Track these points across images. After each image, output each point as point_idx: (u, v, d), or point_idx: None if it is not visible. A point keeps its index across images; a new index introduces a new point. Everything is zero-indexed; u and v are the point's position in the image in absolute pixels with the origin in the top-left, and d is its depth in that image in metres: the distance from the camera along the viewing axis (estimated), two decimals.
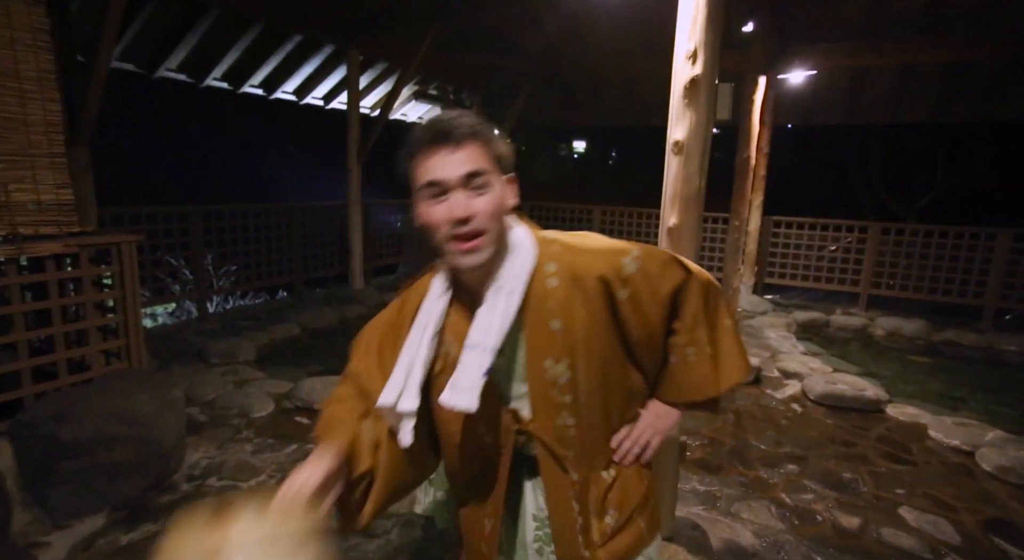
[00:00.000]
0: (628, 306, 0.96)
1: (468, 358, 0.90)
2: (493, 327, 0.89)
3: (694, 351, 1.03)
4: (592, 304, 0.94)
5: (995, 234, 5.77)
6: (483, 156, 0.86)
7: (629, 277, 0.95)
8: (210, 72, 5.79)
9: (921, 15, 5.48)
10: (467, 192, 0.85)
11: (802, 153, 10.45)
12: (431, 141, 0.85)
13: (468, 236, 0.86)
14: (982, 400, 4.19)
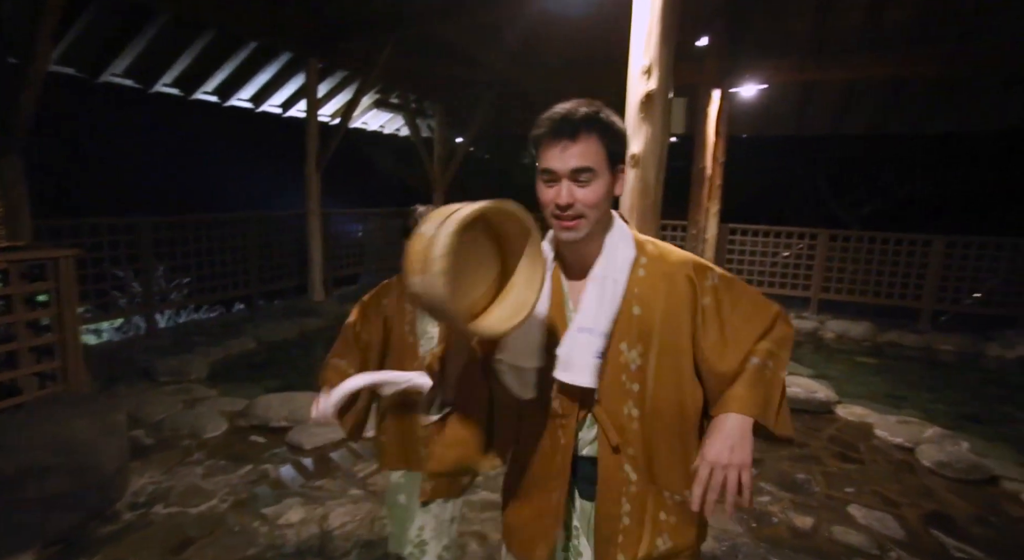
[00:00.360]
0: (704, 314, 1.00)
1: (581, 339, 0.98)
2: (602, 314, 0.99)
3: (773, 366, 0.97)
4: (674, 299, 1.00)
5: (930, 240, 6.13)
6: (595, 152, 0.95)
7: (712, 287, 1.00)
8: (159, 78, 5.58)
9: (860, 34, 5.80)
10: (574, 183, 0.95)
11: (756, 163, 10.85)
12: (551, 133, 0.95)
13: (568, 217, 0.97)
14: (922, 398, 4.42)
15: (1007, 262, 5.86)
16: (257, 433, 3.26)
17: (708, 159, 4.87)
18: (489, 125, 8.57)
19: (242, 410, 3.48)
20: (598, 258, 1.02)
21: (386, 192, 13.81)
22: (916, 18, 5.45)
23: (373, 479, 2.79)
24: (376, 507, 2.55)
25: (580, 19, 6.10)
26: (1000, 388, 4.73)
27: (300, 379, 4.22)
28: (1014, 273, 5.84)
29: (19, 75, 3.09)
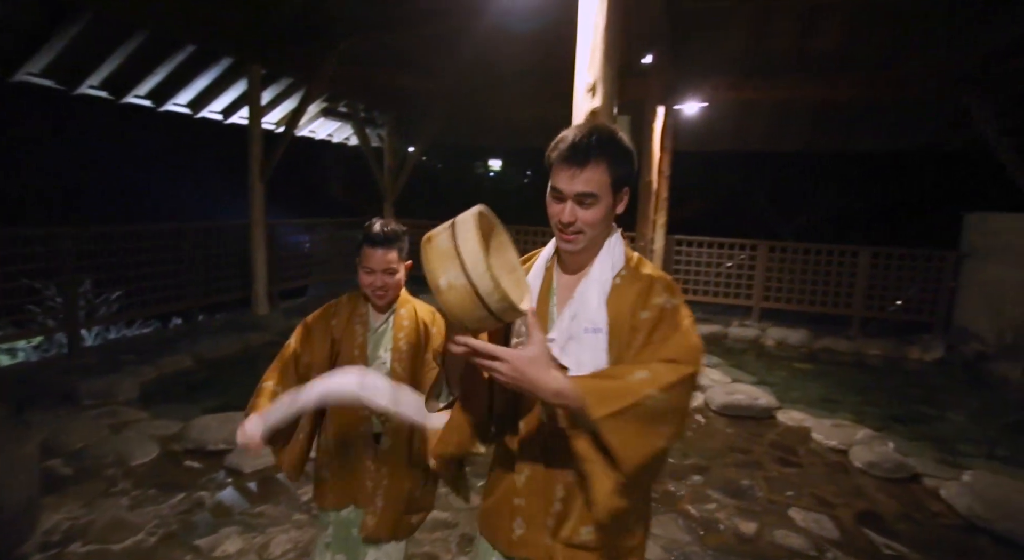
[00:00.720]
0: (640, 325, 1.06)
1: (589, 339, 1.07)
2: (600, 313, 1.08)
3: (646, 377, 0.97)
4: (626, 306, 1.09)
5: (857, 251, 6.55)
6: (600, 179, 1.04)
7: (658, 307, 1.06)
8: (85, 79, 5.23)
9: (790, 57, 6.17)
10: (577, 205, 1.06)
11: (701, 177, 11.31)
12: (564, 159, 1.05)
13: (570, 232, 1.08)
14: (853, 401, 4.68)
15: (923, 271, 6.33)
16: (192, 458, 3.07)
17: (654, 173, 5.02)
18: (441, 135, 8.54)
19: (176, 433, 3.27)
20: (594, 261, 1.13)
21: (335, 202, 13.48)
22: (839, 45, 5.85)
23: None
24: (321, 531, 2.43)
25: (531, 32, 6.20)
26: (920, 389, 5.08)
27: (242, 398, 3.95)
28: (929, 282, 6.32)
29: None
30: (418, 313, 1.67)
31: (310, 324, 1.64)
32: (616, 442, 0.93)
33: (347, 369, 1.40)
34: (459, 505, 2.69)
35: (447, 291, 0.91)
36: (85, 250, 4.81)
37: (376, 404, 1.35)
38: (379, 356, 1.60)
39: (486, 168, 18.74)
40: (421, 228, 5.63)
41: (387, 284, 1.55)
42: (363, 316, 1.62)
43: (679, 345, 1.02)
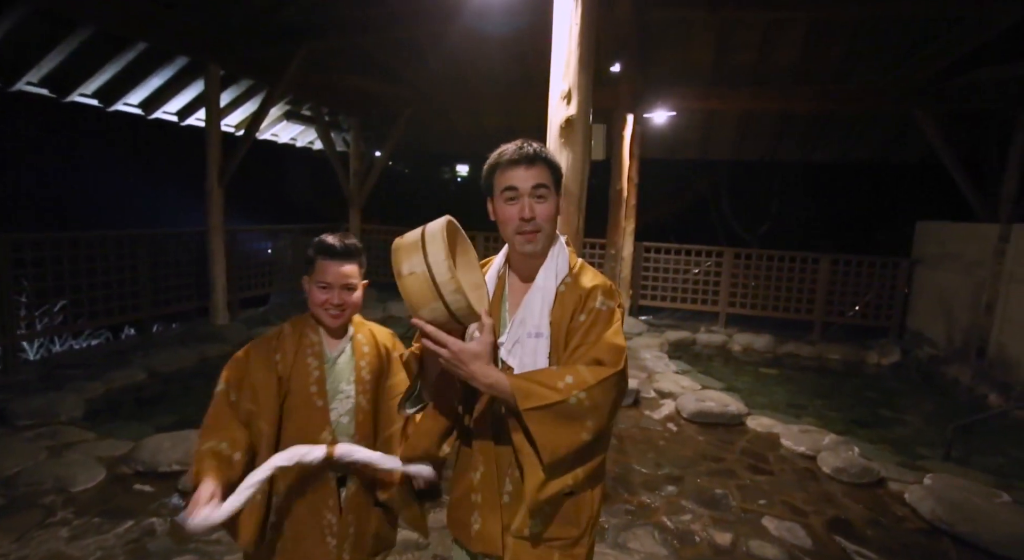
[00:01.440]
0: (576, 328, 1.16)
1: (531, 344, 1.15)
2: (544, 319, 1.16)
3: (571, 381, 1.06)
4: (567, 310, 1.17)
5: (818, 258, 6.75)
6: (548, 176, 1.16)
7: (594, 311, 1.15)
8: (23, 75, 4.91)
9: (753, 70, 6.33)
10: (533, 199, 1.14)
11: (666, 183, 11.52)
12: (514, 160, 1.15)
13: (531, 230, 1.14)
14: (818, 406, 4.79)
15: (879, 278, 6.57)
16: (142, 481, 2.86)
17: (624, 180, 5.05)
18: (408, 141, 8.41)
19: (125, 454, 3.05)
20: (541, 269, 1.20)
21: (299, 207, 13.11)
22: (797, 60, 6.05)
23: None
24: None
25: (500, 38, 6.17)
26: (878, 393, 5.25)
27: (199, 414, 3.76)
28: (885, 288, 6.57)
29: None
30: (377, 337, 1.50)
31: (245, 362, 1.37)
32: (538, 432, 1.03)
33: (313, 449, 1.25)
34: (430, 524, 2.58)
35: (407, 277, 0.99)
36: (23, 258, 4.49)
37: (352, 458, 1.28)
38: (341, 390, 1.42)
39: (453, 173, 18.63)
40: (388, 233, 5.55)
41: (345, 302, 1.38)
42: (316, 346, 1.40)
43: (606, 347, 1.11)
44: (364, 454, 1.29)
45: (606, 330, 1.13)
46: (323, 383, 1.38)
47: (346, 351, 1.44)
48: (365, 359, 1.45)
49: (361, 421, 1.42)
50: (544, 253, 1.19)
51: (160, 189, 11.39)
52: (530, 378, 1.07)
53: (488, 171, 1.20)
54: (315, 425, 1.36)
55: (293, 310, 6.86)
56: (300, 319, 1.45)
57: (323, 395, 1.38)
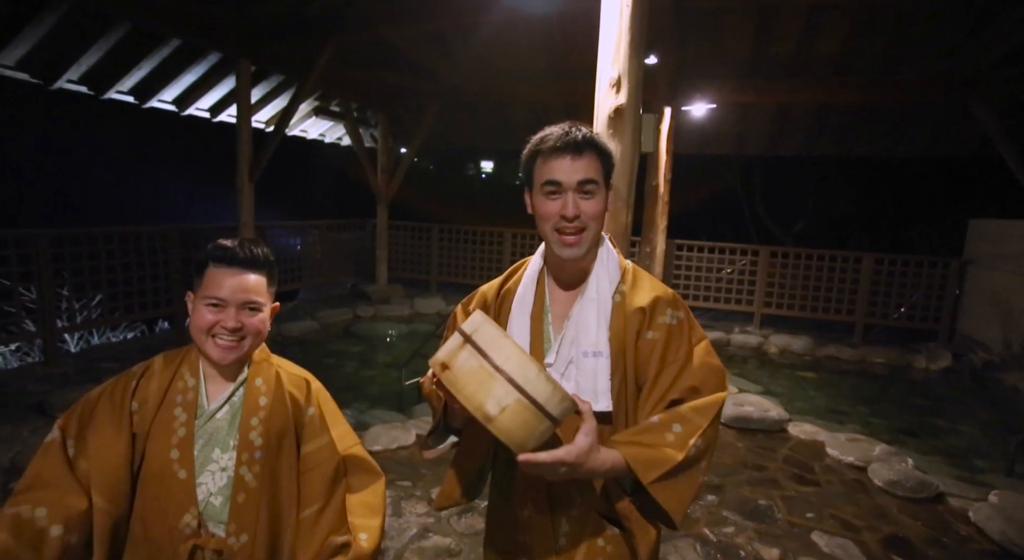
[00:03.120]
0: (647, 347, 1.01)
1: (589, 364, 1.00)
2: (602, 336, 1.01)
3: (680, 431, 0.95)
4: (630, 326, 1.03)
5: (860, 257, 6.46)
6: (597, 167, 1.00)
7: (664, 326, 1.02)
8: (63, 73, 4.98)
9: (792, 61, 6.07)
10: (578, 195, 0.99)
11: (697, 179, 11.24)
12: (558, 148, 0.99)
13: (573, 231, 1.00)
14: (862, 413, 4.56)
15: (927, 279, 6.25)
16: None
17: (661, 176, 4.88)
18: (435, 136, 8.35)
19: None
20: (590, 276, 1.06)
21: (327, 203, 13.24)
22: (840, 50, 5.77)
23: None
24: None
25: (529, 34, 6.05)
26: (928, 400, 4.98)
27: None
28: (934, 289, 6.24)
29: None
30: (284, 384, 1.08)
31: (92, 409, 0.99)
32: (666, 499, 0.93)
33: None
34: (462, 530, 2.51)
35: (500, 416, 0.76)
36: (63, 253, 4.57)
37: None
38: (213, 459, 1.01)
39: (478, 170, 18.58)
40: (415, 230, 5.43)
41: (245, 327, 1.01)
42: (189, 393, 1.02)
43: (699, 370, 0.99)
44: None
45: (688, 347, 1.01)
46: (188, 447, 0.99)
47: (233, 402, 1.05)
48: (258, 415, 1.03)
49: (241, 504, 1.00)
50: (587, 256, 1.04)
51: (192, 185, 11.61)
52: (639, 442, 0.93)
53: (528, 158, 1.05)
54: (176, 504, 0.98)
55: (323, 306, 6.88)
56: (176, 353, 1.07)
57: (188, 463, 0.99)
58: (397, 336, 6.41)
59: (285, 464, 1.05)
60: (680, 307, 1.04)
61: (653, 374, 1.00)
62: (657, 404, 0.99)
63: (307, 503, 1.06)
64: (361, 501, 1.09)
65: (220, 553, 1.00)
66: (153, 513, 0.98)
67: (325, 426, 1.10)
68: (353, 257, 8.39)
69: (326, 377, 4.30)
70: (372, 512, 1.08)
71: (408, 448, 3.28)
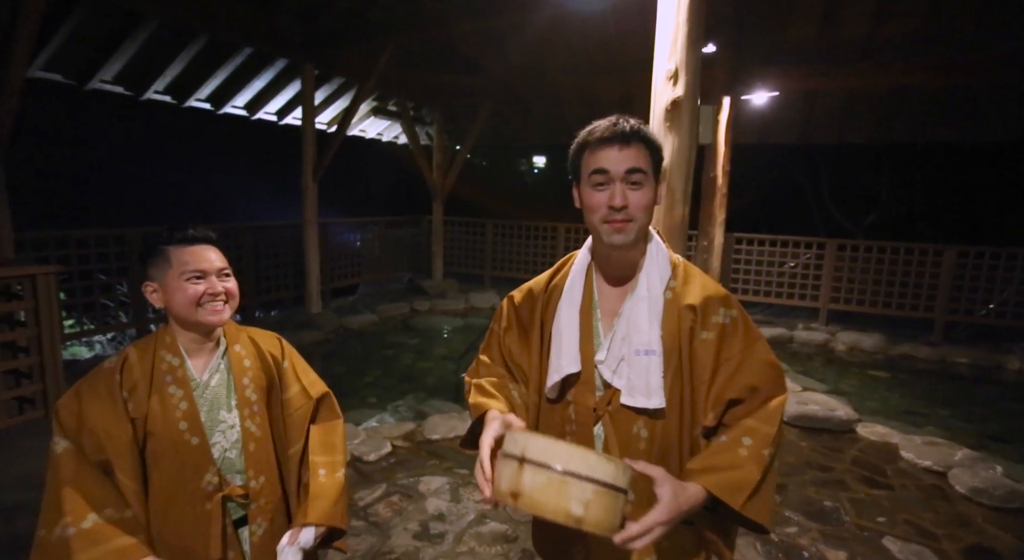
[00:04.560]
0: (702, 348, 1.00)
1: (642, 361, 0.99)
2: (654, 333, 1.00)
3: (751, 444, 0.94)
4: (683, 325, 1.02)
5: (941, 250, 6.01)
6: (646, 159, 0.99)
7: (718, 325, 1.00)
8: (151, 85, 5.42)
9: (864, 42, 5.72)
10: (626, 185, 0.98)
11: (757, 170, 10.78)
12: (606, 139, 0.99)
13: (620, 220, 0.99)
14: (942, 416, 4.27)
15: (1020, 272, 5.73)
16: None
17: (719, 168, 4.74)
18: (488, 133, 8.45)
19: None
20: (639, 272, 1.05)
21: (384, 200, 13.66)
22: (918, 29, 5.38)
23: (375, 508, 2.61)
24: (379, 541, 2.37)
25: (581, 29, 6.01)
26: (1021, 404, 4.59)
27: None
28: None
29: None
30: (261, 345, 1.24)
31: (77, 407, 1.05)
32: (756, 513, 0.92)
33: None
34: (518, 517, 2.57)
35: (587, 513, 0.75)
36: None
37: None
38: (221, 420, 1.15)
39: (530, 165, 18.60)
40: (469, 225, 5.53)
41: (229, 290, 1.15)
42: (177, 371, 1.11)
43: (757, 368, 0.98)
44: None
45: (743, 344, 1.00)
46: (195, 416, 1.11)
47: (220, 370, 1.18)
48: (248, 375, 1.18)
49: (253, 451, 1.16)
50: (636, 246, 1.04)
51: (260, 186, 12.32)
52: (716, 467, 0.92)
53: (576, 151, 1.06)
54: (194, 469, 1.09)
55: (382, 300, 7.14)
56: (146, 341, 1.14)
57: (198, 430, 1.10)
58: (452, 330, 6.57)
59: (276, 411, 1.24)
60: (733, 305, 1.03)
61: (709, 374, 0.99)
62: (715, 404, 0.99)
63: (291, 443, 1.25)
64: (321, 441, 1.28)
65: (246, 497, 1.16)
66: (173, 483, 1.09)
67: (297, 375, 1.29)
68: (410, 252, 8.64)
69: (385, 368, 4.50)
70: (331, 450, 1.28)
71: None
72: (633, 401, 1.00)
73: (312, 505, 1.17)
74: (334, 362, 5.33)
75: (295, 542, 1.13)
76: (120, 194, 10.98)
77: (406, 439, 3.32)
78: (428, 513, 2.57)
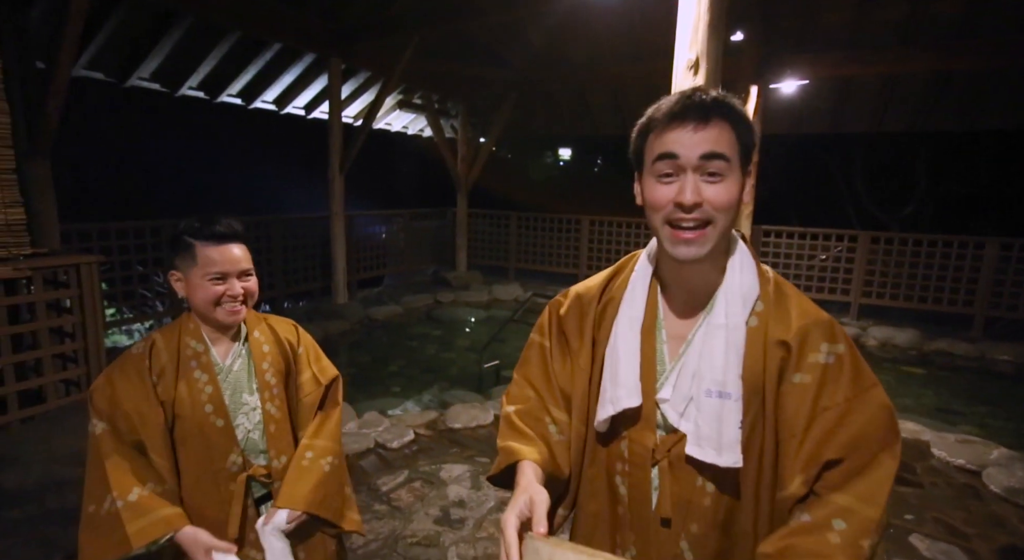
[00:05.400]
0: (795, 393, 0.78)
1: (713, 405, 0.80)
2: (731, 371, 0.79)
3: (846, 530, 0.71)
4: (769, 361, 0.80)
5: (983, 243, 5.77)
6: (729, 140, 0.77)
7: (819, 366, 0.78)
8: (185, 81, 5.59)
9: (902, 26, 5.50)
10: (702, 176, 0.77)
11: (786, 161, 10.50)
12: (677, 113, 0.76)
13: (692, 224, 0.78)
14: (979, 414, 4.13)
15: None
16: None
17: None
18: (512, 125, 8.44)
19: None
20: (718, 291, 0.83)
21: (410, 193, 13.81)
22: (962, 9, 5.14)
23: (397, 493, 2.68)
24: (401, 525, 2.44)
25: (606, 17, 5.94)
26: None
27: None
28: None
29: (45, 80, 3.08)
30: (278, 332, 1.31)
31: (110, 390, 1.12)
32: None
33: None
34: None
35: None
36: None
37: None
38: (244, 403, 1.21)
39: (556, 157, 18.50)
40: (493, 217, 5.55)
41: (249, 290, 1.19)
42: (202, 357, 1.17)
43: (863, 422, 0.74)
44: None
45: (855, 394, 0.76)
46: (220, 399, 1.17)
47: (241, 355, 1.24)
48: (267, 360, 1.24)
49: (274, 432, 1.23)
50: (713, 260, 0.82)
51: (288, 179, 12.62)
52: (794, 551, 0.72)
53: (638, 135, 0.83)
54: (220, 450, 1.16)
55: (406, 291, 7.25)
56: (170, 328, 1.20)
57: (223, 413, 1.16)
58: (476, 322, 6.63)
59: (292, 394, 1.30)
60: (840, 339, 0.79)
61: (803, 426, 0.77)
62: (807, 465, 0.76)
63: (301, 426, 1.31)
64: (316, 425, 1.31)
65: (268, 476, 1.22)
66: (200, 463, 1.16)
67: (309, 361, 1.34)
68: (434, 245, 8.74)
69: (409, 358, 4.56)
70: (322, 435, 1.31)
71: (486, 427, 3.42)
72: (701, 454, 0.80)
73: (287, 488, 1.19)
74: (359, 352, 5.46)
75: (268, 523, 1.16)
76: (156, 187, 11.41)
77: (428, 427, 3.38)
78: (449, 499, 2.63)
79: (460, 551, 2.27)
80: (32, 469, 2.04)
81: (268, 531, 1.16)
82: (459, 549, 2.28)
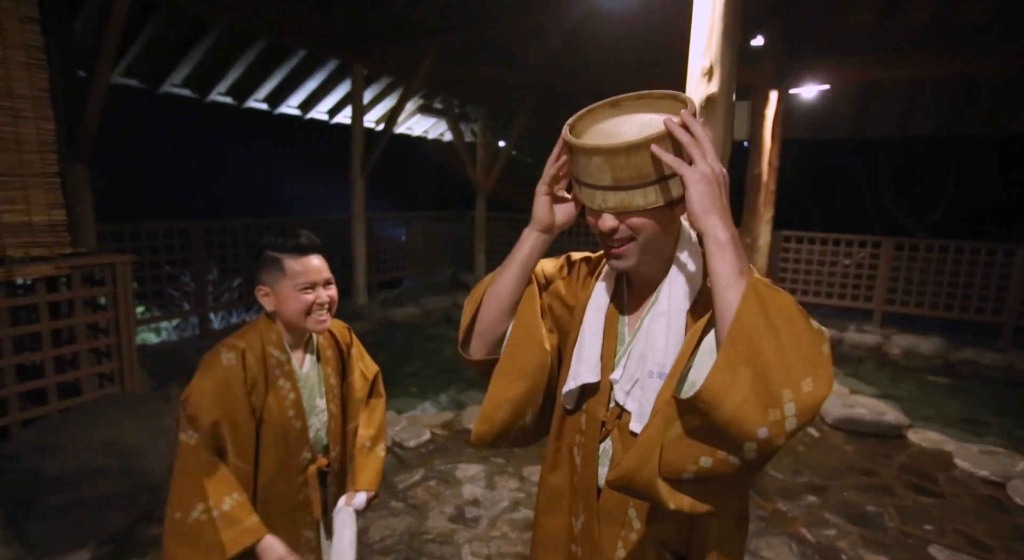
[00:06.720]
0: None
1: (654, 385, 0.84)
2: (670, 355, 0.84)
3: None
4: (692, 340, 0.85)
5: (1013, 250, 5.63)
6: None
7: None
8: (214, 87, 5.77)
9: (929, 28, 5.41)
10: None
11: (809, 166, 10.35)
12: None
13: (616, 243, 0.83)
14: (1006, 425, 4.03)
15: None
16: None
17: (764, 164, 4.62)
18: (531, 128, 8.50)
19: None
20: (663, 282, 0.88)
21: (429, 196, 13.96)
22: (991, 10, 5.04)
23: (414, 492, 2.74)
24: (416, 522, 2.49)
25: (625, 20, 5.96)
26: None
27: None
28: None
29: (86, 88, 3.23)
30: (336, 336, 1.41)
31: (217, 402, 1.15)
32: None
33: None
34: None
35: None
36: (212, 241, 5.33)
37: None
38: (316, 405, 1.32)
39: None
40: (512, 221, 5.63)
41: (333, 299, 1.25)
42: (284, 366, 1.24)
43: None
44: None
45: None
46: (300, 404, 1.26)
47: (313, 362, 1.33)
48: (330, 364, 1.36)
49: (333, 428, 1.36)
50: (651, 260, 0.86)
51: (311, 182, 12.87)
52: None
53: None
54: (295, 448, 1.27)
55: (425, 293, 7.34)
56: (251, 336, 1.23)
57: (301, 416, 1.26)
58: None
59: (345, 390, 1.43)
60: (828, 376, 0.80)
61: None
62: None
63: (351, 418, 1.44)
64: (368, 417, 1.47)
65: (329, 466, 1.36)
66: (278, 461, 1.26)
67: (357, 360, 1.46)
68: (453, 247, 8.82)
69: (427, 359, 4.64)
70: (375, 425, 1.46)
71: None
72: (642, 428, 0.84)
73: (362, 474, 1.38)
74: (378, 352, 5.49)
75: (351, 504, 1.33)
76: (185, 189, 11.75)
77: (444, 427, 3.44)
78: (464, 498, 2.67)
79: (474, 549, 2.31)
80: (69, 458, 2.15)
81: (347, 512, 1.32)
82: (473, 547, 2.32)
